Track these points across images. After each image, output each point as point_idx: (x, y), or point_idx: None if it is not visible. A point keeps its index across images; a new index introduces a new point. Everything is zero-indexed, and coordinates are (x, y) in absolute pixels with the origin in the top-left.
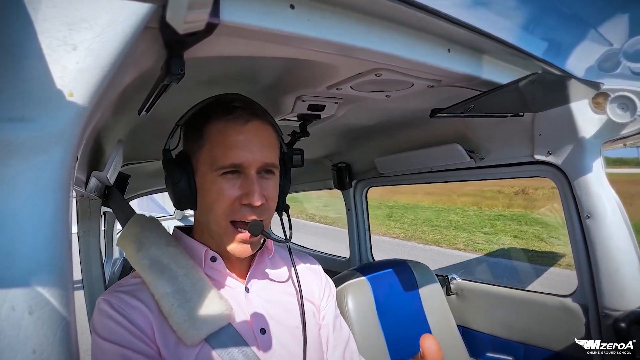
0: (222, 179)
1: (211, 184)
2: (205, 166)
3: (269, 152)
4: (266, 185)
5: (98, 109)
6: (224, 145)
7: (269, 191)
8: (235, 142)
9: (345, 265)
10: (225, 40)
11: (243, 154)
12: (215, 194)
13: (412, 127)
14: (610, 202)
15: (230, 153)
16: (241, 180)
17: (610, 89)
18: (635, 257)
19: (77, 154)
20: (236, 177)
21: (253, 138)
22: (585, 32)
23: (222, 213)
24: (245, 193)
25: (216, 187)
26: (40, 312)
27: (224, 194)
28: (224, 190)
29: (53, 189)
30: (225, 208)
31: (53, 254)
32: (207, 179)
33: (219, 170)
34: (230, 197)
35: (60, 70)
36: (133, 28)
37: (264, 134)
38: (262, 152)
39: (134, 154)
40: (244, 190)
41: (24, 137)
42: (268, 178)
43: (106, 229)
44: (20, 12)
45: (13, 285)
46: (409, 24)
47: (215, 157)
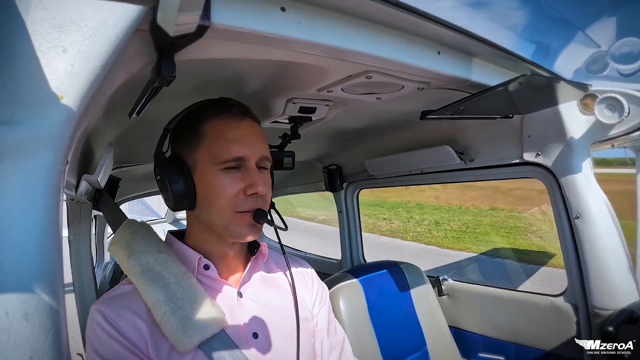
0: (223, 173)
1: (213, 180)
2: (204, 163)
3: (264, 146)
4: (264, 177)
5: (88, 111)
6: (224, 140)
7: (267, 183)
8: (235, 136)
9: (337, 267)
10: (216, 42)
11: (244, 148)
12: (218, 189)
13: (402, 129)
14: (598, 203)
15: (232, 147)
16: (242, 174)
17: (598, 90)
18: (624, 257)
19: (67, 157)
20: (237, 171)
21: (250, 133)
22: (573, 35)
23: (227, 206)
24: (249, 184)
25: (218, 182)
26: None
27: (227, 187)
28: (226, 185)
29: (43, 192)
30: (230, 201)
31: (42, 258)
32: (207, 176)
33: (221, 164)
34: (233, 190)
35: (50, 73)
36: (124, 30)
37: (258, 130)
38: (259, 146)
39: (124, 157)
40: (247, 181)
41: (12, 139)
42: (264, 172)
43: (97, 232)
44: (10, 14)
45: (1, 291)
46: (399, 27)
47: (215, 152)
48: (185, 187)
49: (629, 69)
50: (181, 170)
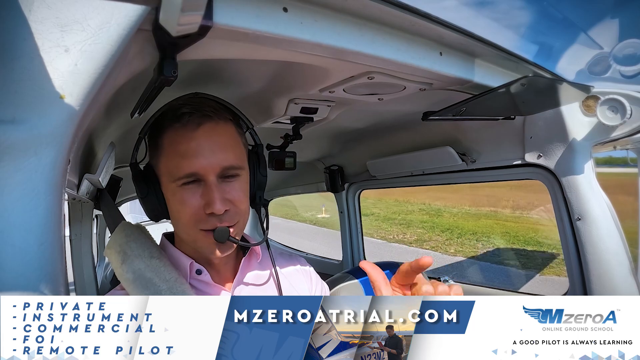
0: (182, 189)
1: (172, 195)
2: (165, 178)
3: (227, 154)
4: (229, 189)
5: (90, 111)
6: (176, 155)
7: (234, 194)
8: (186, 150)
9: (338, 267)
10: (218, 42)
11: (197, 162)
12: (179, 205)
13: (404, 130)
14: (600, 204)
15: (183, 163)
16: (202, 189)
17: (600, 91)
18: (626, 259)
19: (69, 156)
20: (197, 185)
21: (205, 143)
22: (575, 36)
23: (189, 222)
24: (206, 202)
25: (177, 198)
26: None
27: (186, 204)
28: (185, 201)
29: (45, 191)
30: (190, 218)
31: (44, 258)
32: (169, 191)
33: (177, 181)
34: (192, 207)
35: (52, 72)
36: (126, 30)
37: (220, 135)
38: (218, 156)
39: (126, 157)
40: (205, 199)
41: (14, 138)
42: (231, 181)
43: (98, 232)
44: (13, 13)
45: (4, 289)
46: (401, 28)
47: (170, 168)
48: (154, 201)
49: (631, 70)
50: (151, 183)
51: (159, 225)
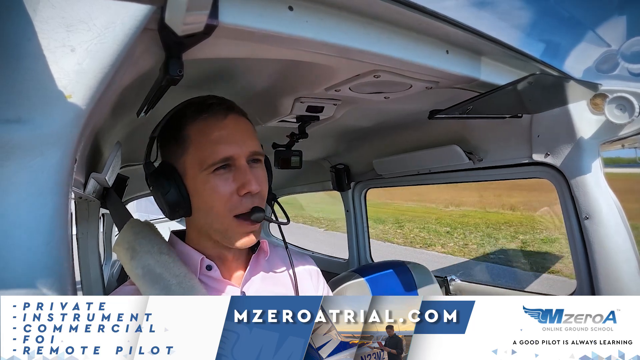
0: (214, 176)
1: (204, 184)
2: (193, 169)
3: (253, 140)
4: (257, 173)
5: (96, 110)
6: (209, 142)
7: (261, 178)
8: (219, 136)
9: (344, 266)
10: (224, 42)
11: (231, 147)
12: (211, 193)
13: (410, 128)
14: (608, 203)
15: (217, 148)
16: (233, 174)
17: (608, 90)
18: (634, 258)
19: (76, 156)
20: (227, 171)
21: (235, 130)
22: (583, 34)
23: (224, 209)
24: (241, 184)
25: (210, 186)
26: None
27: (220, 190)
28: (218, 187)
29: (51, 190)
30: (225, 204)
31: (51, 257)
32: (199, 181)
33: (210, 168)
34: (226, 192)
35: (58, 71)
36: (132, 29)
37: (244, 125)
38: (247, 142)
39: (132, 156)
40: (239, 181)
41: (20, 138)
42: (257, 166)
43: (105, 230)
44: (18, 13)
45: (11, 288)
46: (407, 26)
47: (202, 156)
48: (178, 196)
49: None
50: (172, 179)
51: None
